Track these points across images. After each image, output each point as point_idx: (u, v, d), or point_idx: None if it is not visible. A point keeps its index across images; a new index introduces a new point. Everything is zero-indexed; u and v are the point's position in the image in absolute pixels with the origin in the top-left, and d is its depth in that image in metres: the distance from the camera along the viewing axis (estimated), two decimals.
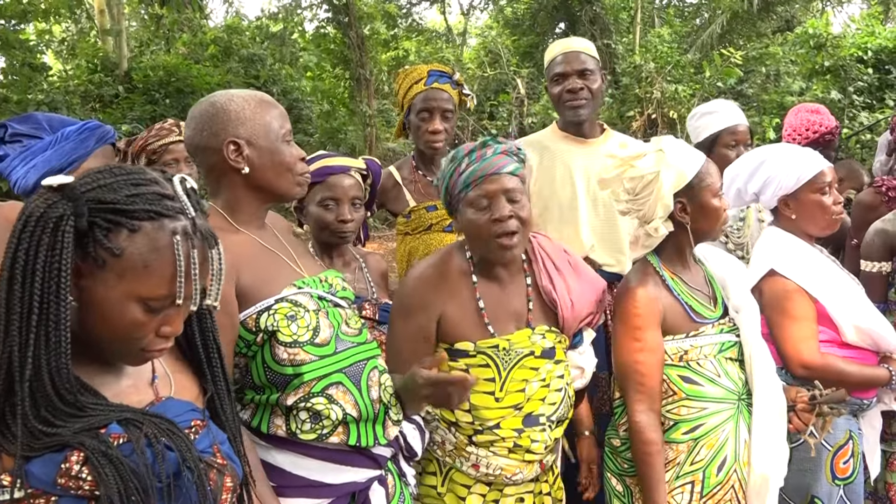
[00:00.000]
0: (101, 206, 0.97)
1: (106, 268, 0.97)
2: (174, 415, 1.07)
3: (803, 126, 3.21)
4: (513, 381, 1.74)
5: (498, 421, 1.73)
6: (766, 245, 2.17)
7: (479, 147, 1.74)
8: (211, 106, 1.54)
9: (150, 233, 0.98)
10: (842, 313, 2.05)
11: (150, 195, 1.00)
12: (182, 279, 0.99)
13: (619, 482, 1.92)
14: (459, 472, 1.79)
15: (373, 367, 1.60)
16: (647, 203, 1.81)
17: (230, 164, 1.52)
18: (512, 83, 13.06)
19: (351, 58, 13.11)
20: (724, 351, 1.87)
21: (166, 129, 2.84)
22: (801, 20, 14.31)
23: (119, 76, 9.70)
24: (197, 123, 1.54)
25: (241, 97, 1.55)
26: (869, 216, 2.66)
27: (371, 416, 1.55)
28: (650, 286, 1.84)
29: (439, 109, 2.53)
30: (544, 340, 1.79)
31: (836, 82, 10.89)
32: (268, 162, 1.54)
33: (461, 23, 19.62)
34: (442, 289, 1.77)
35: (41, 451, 0.93)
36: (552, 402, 1.78)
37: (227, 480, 1.10)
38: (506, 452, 1.74)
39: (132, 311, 0.99)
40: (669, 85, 11.11)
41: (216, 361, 1.20)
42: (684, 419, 1.81)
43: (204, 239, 1.03)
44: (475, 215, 1.71)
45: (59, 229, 0.95)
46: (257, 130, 1.53)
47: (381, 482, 1.61)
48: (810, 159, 2.13)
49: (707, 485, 1.80)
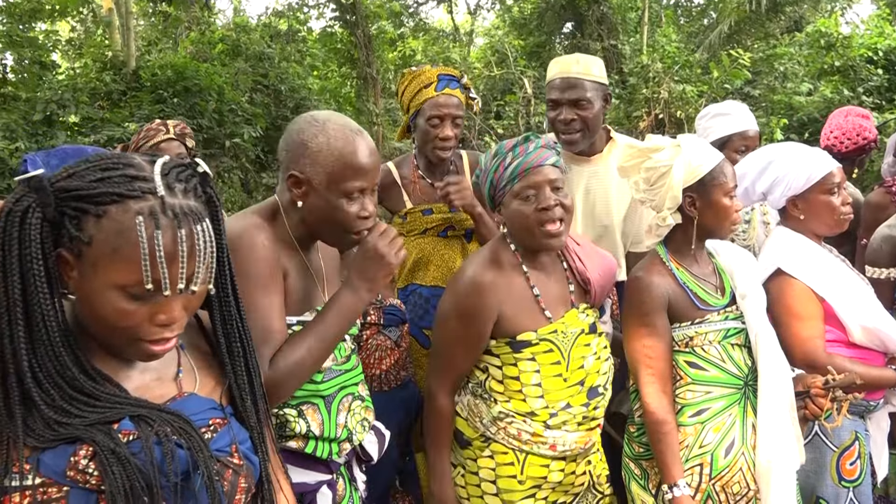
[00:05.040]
0: (67, 195, 0.96)
1: (83, 257, 0.96)
2: (192, 412, 1.06)
3: (854, 130, 3.11)
4: (574, 360, 1.85)
5: (567, 400, 1.82)
6: (773, 244, 2.17)
7: (522, 142, 1.83)
8: (299, 129, 1.52)
9: (115, 216, 0.94)
10: (849, 313, 2.04)
11: (116, 178, 0.96)
12: (146, 261, 0.93)
13: (637, 466, 1.98)
14: (535, 456, 1.85)
15: (348, 394, 1.62)
16: (658, 193, 1.90)
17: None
18: (519, 83, 13.04)
19: (358, 57, 13.13)
20: (730, 337, 1.91)
21: (154, 129, 2.88)
22: (809, 20, 14.23)
23: (127, 74, 9.72)
24: (286, 136, 1.55)
25: (332, 135, 1.49)
26: (878, 216, 2.65)
27: (332, 437, 1.57)
28: (656, 275, 1.91)
29: (450, 116, 2.49)
30: (588, 318, 1.91)
31: (846, 83, 10.84)
32: (321, 212, 1.52)
33: (468, 22, 19.62)
34: (499, 288, 1.81)
35: (55, 443, 0.93)
36: (604, 372, 1.91)
37: (242, 481, 1.08)
38: (576, 427, 1.84)
39: (114, 299, 0.96)
40: (677, 85, 11.07)
41: (238, 353, 1.17)
42: (690, 403, 1.88)
43: (176, 218, 0.96)
44: (522, 206, 1.79)
45: (25, 222, 0.94)
46: (322, 179, 1.49)
47: (331, 486, 1.61)
48: (819, 160, 2.13)
49: (715, 467, 1.84)
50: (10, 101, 9.01)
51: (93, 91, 9.30)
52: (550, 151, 1.82)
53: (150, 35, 13.41)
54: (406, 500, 2.40)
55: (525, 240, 1.84)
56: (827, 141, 3.20)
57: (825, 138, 3.22)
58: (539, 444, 1.83)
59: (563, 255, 1.96)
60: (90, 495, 0.94)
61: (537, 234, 1.78)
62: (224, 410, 1.13)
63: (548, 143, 1.84)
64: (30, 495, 0.92)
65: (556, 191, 1.79)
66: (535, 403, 1.81)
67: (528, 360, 1.81)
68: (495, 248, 1.90)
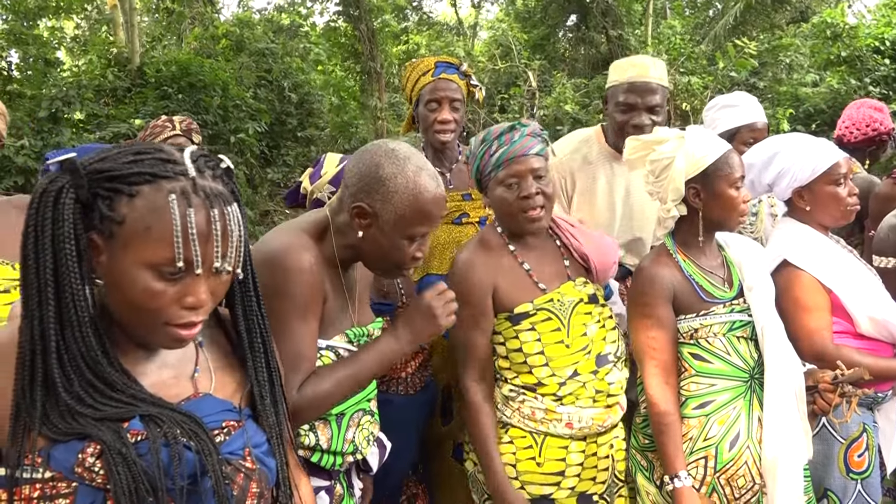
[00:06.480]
0: (99, 176, 0.97)
1: (114, 238, 0.97)
2: (205, 413, 1.05)
3: (864, 122, 3.18)
4: (575, 327, 1.88)
5: (574, 368, 1.85)
6: (780, 236, 2.16)
7: (508, 130, 1.90)
8: (378, 163, 1.50)
9: (148, 195, 0.96)
10: (856, 304, 2.03)
11: (149, 160, 0.98)
12: (179, 238, 0.95)
13: (643, 457, 1.98)
14: (553, 437, 1.86)
15: (359, 409, 1.62)
16: (663, 185, 1.93)
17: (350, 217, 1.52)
18: (523, 76, 13.00)
19: (361, 51, 13.11)
20: (735, 329, 1.90)
21: (160, 125, 2.88)
22: (815, 10, 14.14)
23: (131, 71, 9.74)
24: (360, 162, 1.52)
25: (411, 178, 1.48)
26: (886, 207, 2.63)
27: (339, 450, 1.58)
28: (661, 267, 1.92)
29: (448, 99, 2.47)
30: (586, 288, 1.95)
31: (852, 73, 10.77)
32: (379, 248, 1.52)
33: (472, 16, 19.56)
34: (489, 264, 1.90)
35: (67, 436, 0.94)
36: (612, 340, 1.94)
37: (254, 485, 1.06)
38: (590, 402, 1.85)
39: (144, 278, 0.97)
40: (682, 77, 11.02)
41: (259, 348, 1.16)
42: (693, 395, 1.88)
43: (208, 198, 0.98)
44: (505, 193, 1.87)
45: (59, 201, 0.95)
46: (391, 218, 1.49)
47: (329, 491, 1.61)
48: (825, 150, 2.11)
49: (720, 460, 1.84)
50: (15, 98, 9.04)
51: (98, 88, 9.33)
52: (535, 140, 1.88)
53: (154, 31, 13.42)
54: (420, 488, 2.40)
55: (509, 224, 1.92)
56: (839, 131, 3.26)
57: (838, 128, 3.29)
58: (555, 423, 1.83)
59: (555, 234, 2.02)
60: (97, 493, 0.94)
61: (519, 219, 1.87)
62: (241, 412, 1.11)
63: (534, 131, 1.90)
64: (40, 488, 0.92)
65: (538, 179, 1.85)
66: (541, 373, 1.84)
67: (528, 331, 1.85)
68: (483, 233, 2.00)
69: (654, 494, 1.92)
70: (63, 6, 11.47)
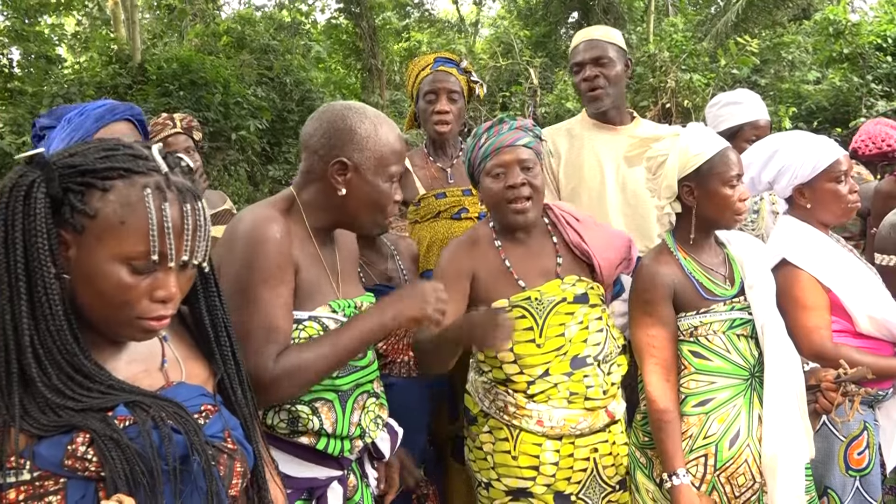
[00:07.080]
0: (71, 171, 0.97)
1: (86, 233, 0.97)
2: (184, 399, 1.07)
3: (879, 137, 3.40)
4: (550, 327, 1.86)
5: (545, 368, 1.84)
6: (779, 234, 2.16)
7: (496, 123, 1.94)
8: (341, 116, 1.55)
9: (122, 189, 0.98)
10: (856, 303, 2.03)
11: (121, 156, 1.00)
12: (155, 232, 0.97)
13: (642, 454, 1.98)
14: (528, 433, 1.86)
15: (363, 391, 1.61)
16: (658, 182, 1.94)
17: (329, 179, 1.53)
18: (525, 73, 13.00)
19: (362, 48, 13.10)
20: (736, 327, 1.90)
21: (160, 123, 2.88)
22: (817, 7, 14.10)
23: (132, 68, 9.74)
24: (320, 125, 1.55)
25: (374, 121, 1.56)
26: (888, 204, 2.63)
27: (345, 435, 1.56)
28: (662, 264, 1.92)
29: (445, 90, 2.49)
30: (575, 287, 1.92)
31: (855, 70, 10.75)
32: (365, 195, 1.55)
33: (473, 13, 19.54)
34: (472, 254, 1.93)
35: (50, 431, 0.93)
36: (595, 343, 1.90)
37: (237, 465, 1.09)
38: (564, 403, 1.84)
39: (117, 272, 0.98)
40: (684, 74, 11.01)
41: (225, 341, 1.19)
42: (693, 392, 1.88)
43: (181, 193, 1.01)
44: (492, 184, 1.89)
45: (30, 196, 0.95)
46: (371, 163, 1.53)
47: (341, 481, 1.60)
48: (825, 147, 2.11)
49: (720, 458, 1.84)
50: (16, 95, 9.05)
51: (99, 85, 9.33)
52: (524, 133, 1.91)
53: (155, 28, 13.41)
54: (431, 489, 2.40)
55: (497, 216, 1.95)
56: (854, 144, 3.48)
57: (853, 142, 3.51)
58: (525, 419, 1.84)
59: (553, 230, 2.00)
60: (88, 485, 0.94)
61: (506, 210, 1.88)
62: (215, 398, 1.14)
63: (523, 125, 1.93)
64: (25, 490, 0.91)
65: (525, 170, 1.87)
66: (510, 369, 1.85)
67: None
68: (476, 227, 2.04)
69: (654, 492, 1.92)
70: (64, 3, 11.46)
